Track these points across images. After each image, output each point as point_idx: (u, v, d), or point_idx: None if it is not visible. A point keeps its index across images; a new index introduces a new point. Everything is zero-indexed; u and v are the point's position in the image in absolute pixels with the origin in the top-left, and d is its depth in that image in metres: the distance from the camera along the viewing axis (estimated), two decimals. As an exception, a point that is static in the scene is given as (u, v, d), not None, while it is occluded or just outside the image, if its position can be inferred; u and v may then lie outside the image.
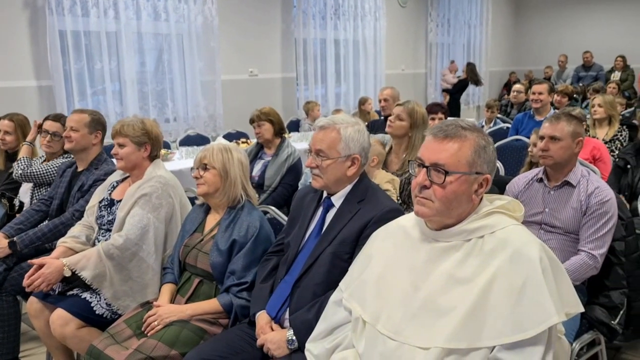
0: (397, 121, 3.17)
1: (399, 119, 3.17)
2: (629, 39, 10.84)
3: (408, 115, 3.16)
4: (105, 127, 3.02)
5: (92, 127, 2.91)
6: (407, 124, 3.16)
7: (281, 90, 7.60)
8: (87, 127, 2.88)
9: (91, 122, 2.91)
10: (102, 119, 3.01)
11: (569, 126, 2.46)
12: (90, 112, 2.96)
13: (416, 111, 3.15)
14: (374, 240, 1.76)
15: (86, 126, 2.88)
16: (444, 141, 1.53)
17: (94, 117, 2.94)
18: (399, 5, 9.37)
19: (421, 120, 3.15)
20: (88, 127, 2.88)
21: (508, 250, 1.47)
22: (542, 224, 2.50)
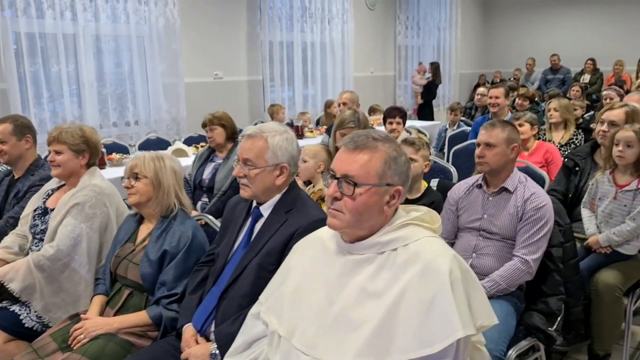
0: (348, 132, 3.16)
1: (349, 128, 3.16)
2: (596, 43, 10.99)
3: (357, 123, 3.15)
4: (33, 129, 2.95)
5: (19, 133, 2.84)
6: (357, 130, 3.15)
7: (247, 93, 7.55)
8: (14, 135, 2.81)
9: (15, 128, 2.85)
10: (26, 122, 2.94)
11: (503, 132, 2.46)
12: (11, 119, 2.89)
13: (361, 118, 3.14)
14: (294, 252, 1.74)
15: (12, 134, 2.81)
16: (354, 152, 1.51)
17: (17, 123, 2.87)
18: (367, 7, 9.38)
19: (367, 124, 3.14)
20: (14, 134, 2.82)
21: (419, 263, 1.46)
22: (481, 230, 2.50)
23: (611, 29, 11.03)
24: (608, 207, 2.78)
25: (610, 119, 3.10)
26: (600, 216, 2.81)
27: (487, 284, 2.35)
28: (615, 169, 2.79)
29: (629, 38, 10.72)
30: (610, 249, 2.75)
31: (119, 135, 6.00)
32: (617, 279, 2.69)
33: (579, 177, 3.12)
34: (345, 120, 3.29)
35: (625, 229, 2.69)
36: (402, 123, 4.55)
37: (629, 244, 2.74)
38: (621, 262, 2.76)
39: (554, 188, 3.20)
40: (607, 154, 2.81)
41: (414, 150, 2.84)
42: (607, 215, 2.78)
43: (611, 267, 2.74)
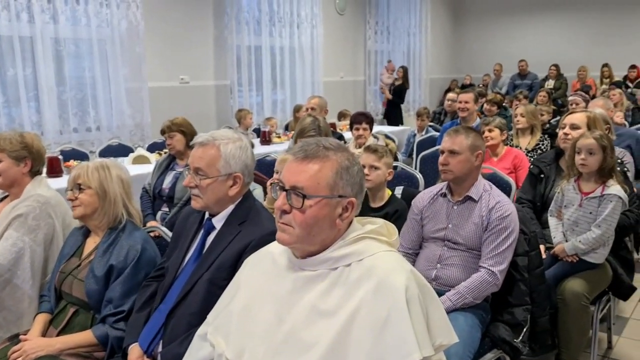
0: None
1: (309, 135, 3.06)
2: (562, 49, 11.12)
3: (317, 131, 3.06)
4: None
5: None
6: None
7: (215, 98, 7.41)
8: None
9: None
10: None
11: (467, 139, 2.40)
12: None
13: (321, 125, 3.05)
14: (244, 267, 1.63)
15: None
16: (303, 162, 1.41)
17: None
18: (336, 12, 9.32)
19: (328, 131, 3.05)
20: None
21: (373, 279, 1.36)
22: (446, 240, 2.43)
23: (576, 35, 11.19)
24: (574, 215, 2.73)
25: (571, 121, 3.07)
26: (567, 224, 2.77)
27: (453, 297, 2.28)
28: (580, 177, 2.75)
29: (593, 44, 10.88)
30: (576, 258, 2.71)
31: (79, 141, 5.81)
32: (583, 287, 2.65)
33: (544, 184, 3.07)
34: (306, 128, 3.20)
35: (591, 236, 2.65)
36: (369, 129, 4.48)
37: (595, 252, 2.69)
38: (588, 271, 2.71)
39: (522, 196, 3.15)
40: (570, 162, 2.76)
41: (376, 158, 2.76)
42: (573, 223, 2.73)
43: (578, 275, 2.69)
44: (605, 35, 10.82)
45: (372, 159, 2.74)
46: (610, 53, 10.41)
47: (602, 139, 2.67)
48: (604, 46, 10.71)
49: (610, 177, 2.66)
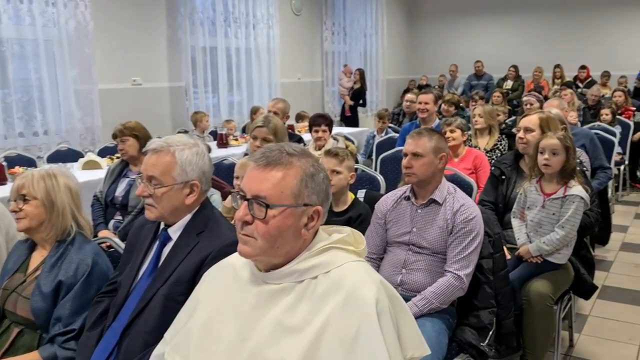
0: (264, 144, 2.96)
1: (266, 141, 2.96)
2: (518, 50, 11.33)
3: (274, 134, 2.96)
4: None
5: None
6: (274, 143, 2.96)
7: (169, 100, 7.22)
8: None
9: None
10: None
11: (431, 142, 2.35)
12: None
13: (278, 128, 2.96)
14: (203, 281, 1.53)
15: None
16: (265, 169, 1.33)
17: None
18: (292, 13, 9.24)
19: (284, 135, 2.96)
20: None
21: (342, 292, 1.29)
22: (410, 244, 2.38)
23: (529, 37, 11.43)
24: (537, 216, 2.72)
25: (524, 125, 3.07)
26: (530, 225, 2.76)
27: (420, 303, 2.23)
28: (542, 178, 2.74)
29: (547, 45, 11.13)
30: (541, 259, 2.70)
31: (25, 146, 5.55)
32: (548, 288, 2.64)
33: (505, 185, 3.06)
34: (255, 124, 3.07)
35: (555, 237, 2.64)
36: (328, 131, 4.42)
37: (559, 253, 2.69)
38: (552, 272, 2.71)
39: (484, 198, 3.13)
40: (532, 163, 2.76)
41: (337, 162, 2.68)
42: (537, 224, 2.72)
43: (542, 276, 2.69)
44: (557, 36, 11.09)
45: (333, 163, 2.67)
46: (562, 54, 10.67)
47: (566, 139, 2.67)
48: (556, 47, 10.97)
49: (571, 178, 2.66)
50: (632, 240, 5.15)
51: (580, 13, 10.86)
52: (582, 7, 10.83)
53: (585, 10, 10.81)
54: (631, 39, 10.37)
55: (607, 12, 10.58)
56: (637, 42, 10.27)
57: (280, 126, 2.93)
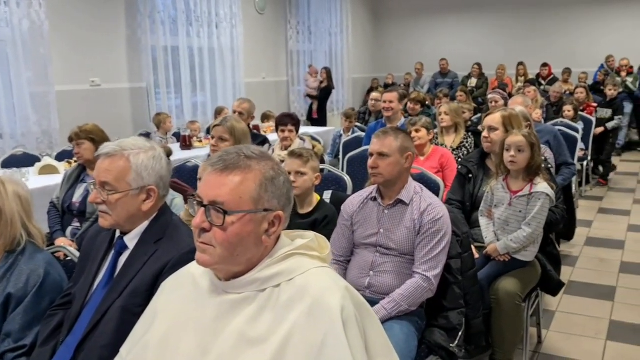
0: (220, 143, 2.88)
1: (222, 140, 2.88)
2: (482, 48, 11.44)
3: (230, 134, 2.87)
4: None
5: None
6: (231, 143, 2.88)
7: (130, 101, 7.04)
8: None
9: None
10: None
11: (397, 141, 2.31)
12: None
13: (236, 127, 2.87)
14: (162, 292, 1.45)
15: None
16: (223, 174, 1.26)
17: None
18: (256, 12, 9.13)
19: (243, 136, 2.89)
20: None
21: (306, 300, 1.23)
22: (378, 246, 2.33)
23: (492, 35, 11.56)
24: (504, 214, 2.71)
25: (488, 124, 3.06)
26: (497, 223, 2.74)
27: (388, 306, 2.18)
28: (509, 175, 2.73)
29: (510, 43, 11.27)
30: (508, 257, 2.69)
31: (-22, 151, 5.33)
32: (516, 286, 2.63)
33: (472, 184, 3.05)
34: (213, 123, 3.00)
35: (522, 235, 2.63)
36: (294, 130, 4.35)
37: (526, 250, 2.68)
38: (519, 269, 2.70)
39: (451, 197, 3.11)
40: (498, 160, 2.75)
41: (301, 163, 2.62)
42: (504, 222, 2.71)
43: (510, 274, 2.67)
44: (520, 34, 11.24)
45: (297, 165, 2.61)
46: (524, 52, 10.82)
47: (531, 136, 2.66)
48: (518, 45, 11.12)
49: (537, 175, 2.65)
50: (596, 235, 5.22)
51: (542, 11, 11.03)
52: (544, 6, 11.01)
53: (546, 9, 10.99)
54: (591, 36, 10.58)
55: (568, 10, 10.78)
56: (597, 39, 10.49)
57: (239, 127, 2.85)
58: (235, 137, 2.84)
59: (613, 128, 7.24)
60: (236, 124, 2.86)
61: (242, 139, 2.86)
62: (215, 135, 2.88)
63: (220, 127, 2.86)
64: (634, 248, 4.83)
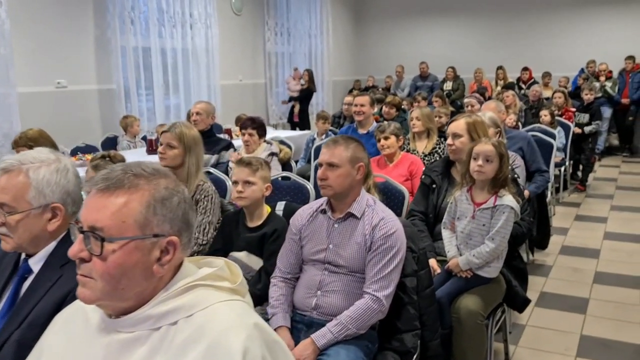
0: (168, 151, 2.70)
1: (170, 147, 2.70)
2: (460, 51, 11.35)
3: (178, 140, 2.69)
4: None
5: None
6: (180, 151, 2.70)
7: (98, 103, 6.81)
8: None
9: None
10: None
11: (347, 151, 2.15)
12: None
13: (185, 134, 2.70)
14: (52, 327, 1.27)
15: None
16: (104, 195, 1.08)
17: None
18: (232, 12, 8.94)
19: (193, 143, 2.71)
20: None
21: (204, 341, 1.05)
22: (326, 262, 2.16)
23: (473, 38, 11.46)
24: (467, 227, 2.55)
25: (452, 131, 2.91)
26: (460, 237, 2.58)
27: (335, 329, 2.01)
28: (473, 186, 2.58)
29: (488, 47, 11.18)
30: (470, 273, 2.53)
31: None
32: (478, 305, 2.47)
33: (436, 194, 2.89)
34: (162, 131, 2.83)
35: (485, 250, 2.48)
36: (256, 134, 4.19)
37: (489, 266, 2.52)
38: (482, 286, 2.54)
39: (414, 208, 2.95)
40: (464, 169, 2.59)
41: (250, 172, 2.45)
42: (467, 235, 2.55)
43: (472, 292, 2.51)
44: (500, 38, 11.15)
45: (245, 173, 2.44)
46: (505, 55, 10.74)
47: (500, 146, 2.51)
48: (499, 49, 11.03)
49: (503, 187, 2.50)
50: (571, 243, 5.10)
51: (523, 15, 10.95)
52: (525, 9, 10.93)
53: (528, 12, 10.91)
54: (572, 39, 10.52)
55: (549, 13, 10.71)
56: (577, 43, 10.42)
57: (190, 133, 2.67)
58: (185, 144, 2.66)
59: (590, 132, 7.14)
60: (186, 130, 2.68)
61: (193, 147, 2.68)
62: (162, 142, 2.70)
63: (168, 134, 2.68)
64: (609, 257, 4.71)
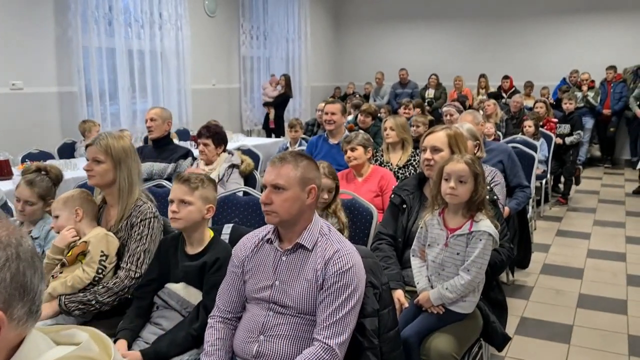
0: (95, 166, 2.35)
1: (97, 162, 2.34)
2: (441, 58, 11.10)
3: (105, 154, 2.34)
4: None
5: None
6: (108, 165, 2.35)
7: (58, 107, 6.41)
8: None
9: None
10: None
11: (296, 170, 1.82)
12: None
13: (113, 146, 2.35)
14: None
15: None
16: None
17: None
18: (206, 14, 8.58)
19: (124, 155, 2.36)
20: None
21: None
22: (272, 302, 1.83)
23: (454, 45, 11.21)
24: (439, 255, 2.23)
25: (431, 143, 2.59)
26: (431, 267, 2.26)
27: (276, 385, 1.68)
28: (446, 209, 2.27)
29: (470, 55, 10.95)
30: (442, 309, 2.21)
31: None
32: (451, 345, 2.15)
33: (406, 216, 2.57)
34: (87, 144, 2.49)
35: (459, 282, 2.16)
36: (211, 144, 3.86)
37: (464, 301, 2.21)
38: (456, 324, 2.22)
39: (381, 231, 2.62)
40: (435, 191, 2.27)
41: (187, 190, 2.11)
42: (439, 265, 2.23)
43: (444, 330, 2.19)
44: (482, 45, 10.92)
45: (181, 192, 2.10)
46: (487, 64, 10.52)
47: (475, 164, 2.20)
48: (481, 56, 10.81)
49: (479, 210, 2.19)
50: (553, 261, 4.83)
51: (506, 23, 10.73)
52: (508, 18, 10.71)
53: (510, 21, 10.69)
54: (555, 49, 10.33)
55: (531, 22, 10.50)
56: (560, 53, 10.23)
57: (119, 145, 2.32)
58: (113, 157, 2.31)
59: (572, 143, 6.91)
60: (114, 141, 2.32)
61: (123, 160, 2.32)
62: (88, 158, 2.35)
63: (92, 147, 2.33)
64: (593, 277, 4.45)
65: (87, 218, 2.37)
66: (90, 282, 2.23)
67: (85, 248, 2.29)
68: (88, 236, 2.32)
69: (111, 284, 2.23)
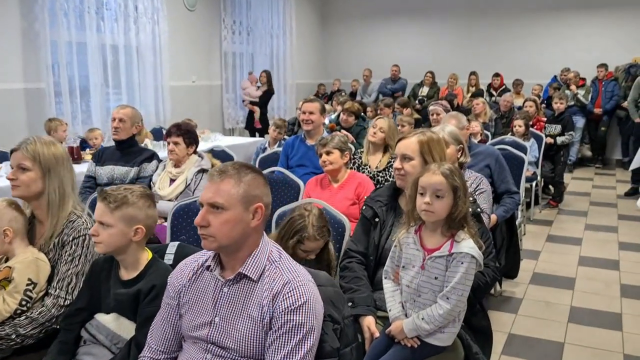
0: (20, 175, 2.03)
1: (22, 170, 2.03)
2: (434, 55, 10.79)
3: (32, 160, 2.03)
4: None
5: None
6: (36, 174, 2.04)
7: (25, 104, 6.06)
8: None
9: None
10: None
11: (238, 187, 1.51)
12: None
13: (42, 153, 2.04)
14: None
15: None
16: None
17: None
18: (185, 8, 8.24)
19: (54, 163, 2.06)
20: None
21: None
22: (210, 342, 1.54)
23: (448, 42, 10.91)
24: (415, 279, 1.94)
25: (400, 151, 2.30)
26: (406, 292, 1.97)
27: None
28: (423, 226, 1.98)
29: (464, 52, 10.65)
30: (417, 341, 1.93)
31: None
32: (426, 383, 1.87)
33: (379, 231, 2.28)
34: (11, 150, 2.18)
35: (437, 312, 1.87)
36: (182, 142, 3.56)
37: (442, 332, 1.92)
38: (433, 358, 1.94)
39: (351, 248, 2.32)
40: (411, 205, 1.98)
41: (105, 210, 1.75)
42: (414, 291, 1.94)
43: (419, 366, 1.91)
44: (473, 42, 10.64)
45: (99, 212, 1.77)
46: (479, 61, 10.23)
47: (453, 176, 1.90)
48: (473, 54, 10.51)
49: (460, 228, 1.90)
50: (543, 270, 4.56)
51: (498, 20, 10.45)
52: (500, 14, 10.42)
53: (503, 18, 10.41)
54: (546, 46, 10.07)
55: (524, 20, 10.22)
56: (551, 50, 9.97)
57: (49, 152, 2.01)
58: (42, 164, 2.00)
59: (563, 144, 6.65)
60: (43, 147, 2.02)
61: (53, 168, 2.02)
62: (12, 165, 2.05)
63: (18, 153, 2.02)
64: (585, 288, 4.19)
65: (17, 237, 2.05)
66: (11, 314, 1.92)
67: (9, 274, 1.97)
68: (14, 260, 2.00)
69: (36, 313, 1.93)
